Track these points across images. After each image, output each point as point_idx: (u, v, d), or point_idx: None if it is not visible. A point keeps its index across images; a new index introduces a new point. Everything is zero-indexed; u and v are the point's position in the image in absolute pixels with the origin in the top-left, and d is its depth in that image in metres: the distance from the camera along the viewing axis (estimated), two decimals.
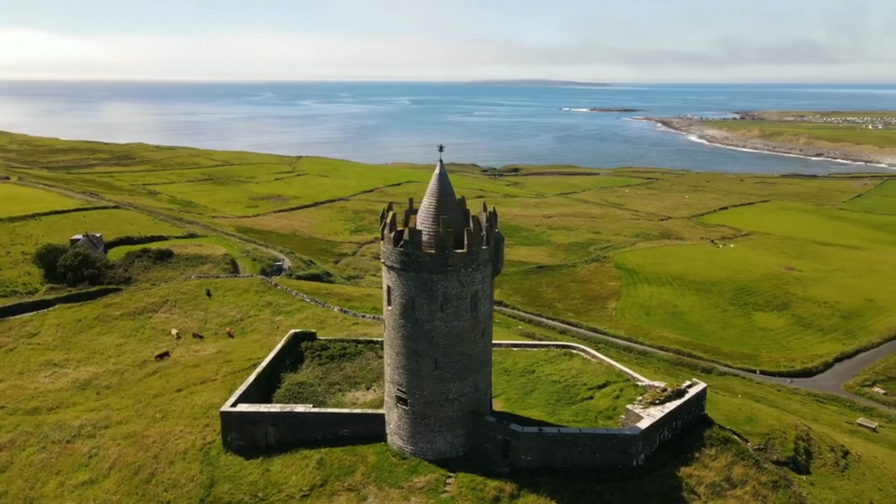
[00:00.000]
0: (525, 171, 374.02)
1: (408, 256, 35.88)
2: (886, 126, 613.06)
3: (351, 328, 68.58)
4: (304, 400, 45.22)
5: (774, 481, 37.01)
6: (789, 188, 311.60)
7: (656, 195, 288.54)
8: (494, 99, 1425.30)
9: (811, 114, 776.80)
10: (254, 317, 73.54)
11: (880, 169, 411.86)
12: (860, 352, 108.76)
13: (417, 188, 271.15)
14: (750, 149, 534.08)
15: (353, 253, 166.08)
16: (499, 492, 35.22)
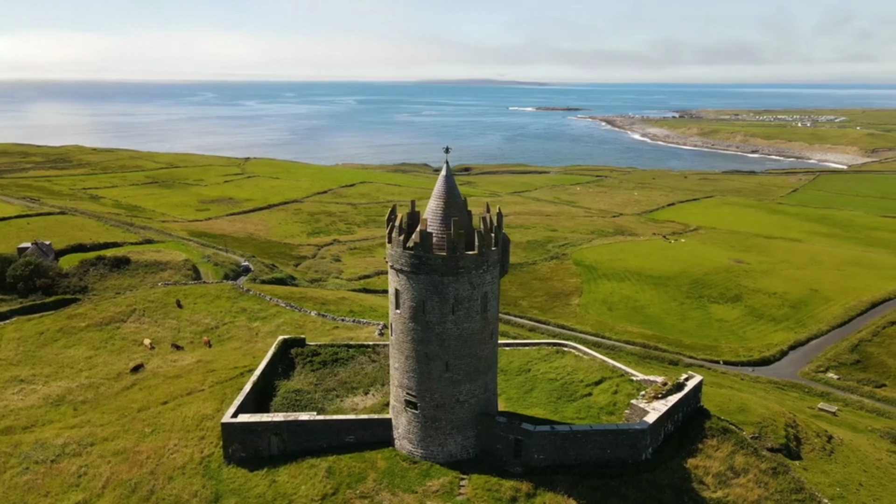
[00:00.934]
0: (477, 170, 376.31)
1: (418, 259, 35.67)
2: (814, 124, 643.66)
3: (332, 332, 67.61)
4: (303, 407, 44.36)
5: (773, 468, 38.57)
6: (731, 184, 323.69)
7: (607, 192, 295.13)
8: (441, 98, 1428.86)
9: (745, 112, 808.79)
10: (229, 324, 71.56)
11: (811, 164, 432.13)
12: (811, 339, 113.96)
13: (371, 189, 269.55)
14: (690, 146, 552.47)
15: (312, 255, 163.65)
16: (515, 491, 35.44)
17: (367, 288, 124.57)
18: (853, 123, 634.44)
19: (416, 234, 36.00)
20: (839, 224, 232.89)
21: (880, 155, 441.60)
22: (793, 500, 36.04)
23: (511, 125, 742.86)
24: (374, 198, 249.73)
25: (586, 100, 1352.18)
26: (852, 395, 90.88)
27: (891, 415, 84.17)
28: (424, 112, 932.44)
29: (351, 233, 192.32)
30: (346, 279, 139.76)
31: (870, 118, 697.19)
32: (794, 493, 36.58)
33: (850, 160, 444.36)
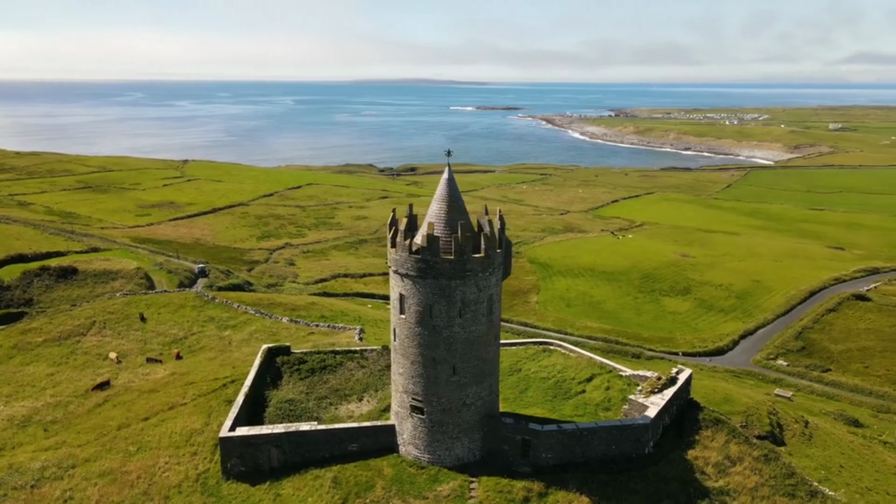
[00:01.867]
0: (422, 170, 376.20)
1: (425, 263, 35.45)
2: (741, 122, 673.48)
3: (308, 338, 66.32)
4: (297, 417, 43.38)
5: (765, 455, 40.31)
6: (669, 180, 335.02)
7: (552, 190, 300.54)
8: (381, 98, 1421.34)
9: (676, 111, 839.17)
10: (198, 333, 69.11)
11: (740, 161, 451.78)
12: (759, 328, 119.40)
13: (318, 191, 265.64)
14: (627, 144, 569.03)
15: (265, 260, 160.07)
16: (527, 492, 35.72)
17: (327, 292, 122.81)
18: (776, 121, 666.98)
19: (422, 239, 35.76)
20: (772, 217, 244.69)
21: (802, 151, 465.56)
22: (786, 484, 37.85)
23: (453, 124, 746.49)
24: (322, 200, 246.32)
25: (525, 99, 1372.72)
26: (802, 380, 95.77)
27: (839, 398, 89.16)
28: (365, 112, 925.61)
29: (302, 236, 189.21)
30: (303, 283, 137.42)
31: (790, 116, 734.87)
32: (786, 479, 38.40)
33: (775, 156, 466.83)
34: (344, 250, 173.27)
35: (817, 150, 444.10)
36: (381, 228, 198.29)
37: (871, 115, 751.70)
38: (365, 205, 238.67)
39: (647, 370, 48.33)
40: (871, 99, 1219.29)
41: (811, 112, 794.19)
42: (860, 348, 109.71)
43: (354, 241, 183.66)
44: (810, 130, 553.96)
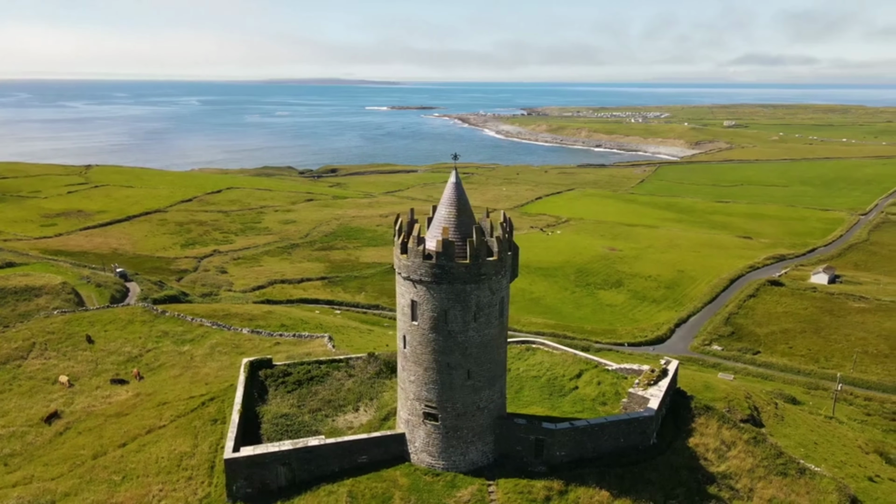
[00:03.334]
0: (344, 171, 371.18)
1: (440, 269, 35.10)
2: (645, 120, 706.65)
3: (275, 349, 64.00)
4: (296, 432, 41.88)
5: (754, 437, 42.74)
6: (587, 177, 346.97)
7: (477, 189, 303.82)
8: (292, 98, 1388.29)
9: (585, 109, 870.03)
10: (155, 350, 65.02)
11: (648, 157, 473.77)
12: (691, 316, 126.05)
13: (240, 195, 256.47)
14: (542, 142, 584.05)
15: (194, 269, 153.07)
16: (548, 490, 36.15)
17: (269, 299, 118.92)
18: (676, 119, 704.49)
19: (436, 244, 35.37)
20: (684, 210, 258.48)
21: (703, 147, 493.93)
22: (777, 464, 40.30)
23: (368, 124, 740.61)
24: (245, 204, 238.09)
25: (438, 98, 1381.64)
26: (738, 363, 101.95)
27: (773, 378, 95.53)
28: (277, 113, 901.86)
29: (229, 242, 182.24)
30: (239, 291, 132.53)
31: (688, 114, 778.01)
32: (776, 459, 40.88)
33: (678, 152, 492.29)
34: (276, 256, 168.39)
35: (717, 146, 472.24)
36: (311, 232, 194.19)
37: (758, 112, 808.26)
38: (291, 208, 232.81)
39: (631, 363, 50.06)
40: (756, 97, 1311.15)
41: (707, 110, 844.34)
42: (782, 330, 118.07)
43: (286, 245, 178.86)
44: (708, 127, 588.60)
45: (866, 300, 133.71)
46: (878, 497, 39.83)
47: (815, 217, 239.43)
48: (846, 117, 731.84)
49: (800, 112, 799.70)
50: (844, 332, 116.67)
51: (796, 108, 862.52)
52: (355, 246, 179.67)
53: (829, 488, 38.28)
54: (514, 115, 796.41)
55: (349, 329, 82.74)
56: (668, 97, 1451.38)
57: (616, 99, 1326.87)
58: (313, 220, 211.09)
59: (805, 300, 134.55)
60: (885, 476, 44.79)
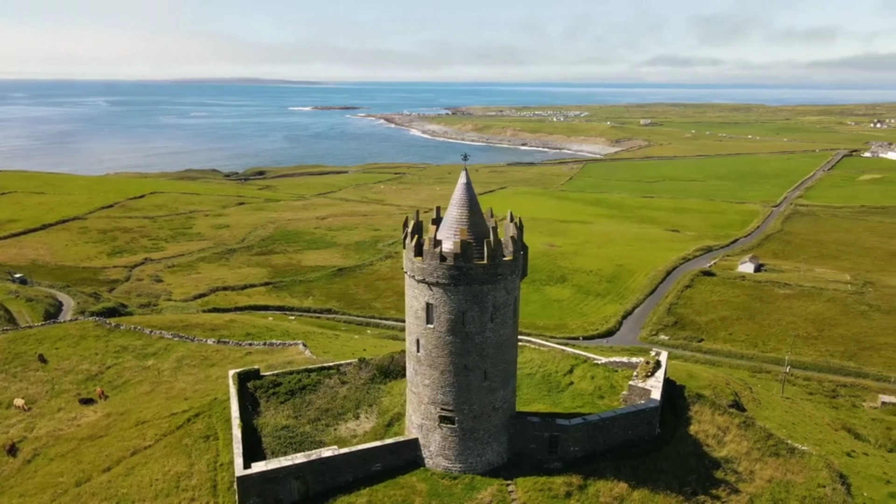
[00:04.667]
0: (272, 173, 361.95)
1: (458, 270, 34.74)
2: (566, 118, 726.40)
3: (246, 359, 61.45)
4: (299, 444, 40.40)
5: (744, 422, 44.77)
6: (517, 175, 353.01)
7: (410, 189, 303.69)
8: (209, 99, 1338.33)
9: (508, 109, 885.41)
10: (116, 366, 60.90)
11: (572, 154, 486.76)
12: (635, 308, 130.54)
13: (166, 199, 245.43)
14: (469, 141, 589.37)
15: (126, 279, 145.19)
16: (568, 486, 36.48)
17: (216, 307, 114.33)
18: (596, 118, 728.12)
19: (454, 245, 34.98)
20: (613, 206, 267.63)
21: (623, 145, 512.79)
22: (769, 446, 42.41)
23: (292, 125, 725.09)
24: (172, 209, 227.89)
25: (361, 98, 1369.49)
26: (686, 351, 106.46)
27: (720, 363, 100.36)
28: (193, 114, 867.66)
29: (160, 249, 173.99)
30: (180, 301, 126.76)
31: (607, 113, 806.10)
32: (767, 440, 43.00)
33: (600, 150, 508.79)
34: (213, 262, 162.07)
35: (637, 144, 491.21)
36: (248, 236, 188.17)
37: (670, 111, 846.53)
38: (223, 212, 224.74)
39: (618, 357, 51.33)
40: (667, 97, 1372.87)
41: (623, 109, 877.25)
42: (720, 318, 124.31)
43: (222, 251, 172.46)
44: (626, 126, 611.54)
45: (790, 287, 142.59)
46: (859, 471, 42.68)
47: (732, 210, 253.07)
48: (749, 115, 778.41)
49: (708, 111, 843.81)
50: (775, 317, 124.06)
51: (705, 107, 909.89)
52: (296, 249, 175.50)
53: (819, 465, 40.70)
54: (438, 115, 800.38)
55: (315, 335, 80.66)
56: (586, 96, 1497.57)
57: (537, 98, 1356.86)
58: (248, 224, 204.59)
59: (736, 288, 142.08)
60: (859, 451, 48.12)
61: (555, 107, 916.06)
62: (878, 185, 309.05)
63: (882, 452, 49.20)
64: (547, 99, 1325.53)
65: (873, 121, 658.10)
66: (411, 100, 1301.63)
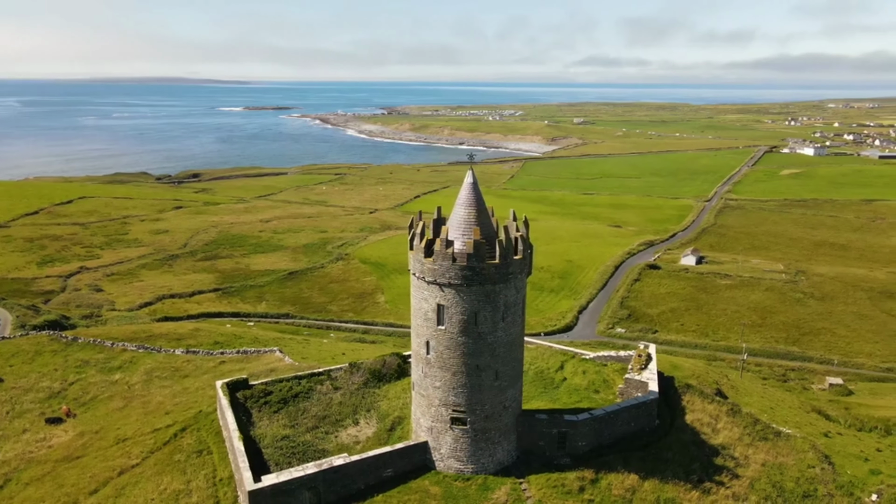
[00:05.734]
0: (207, 175, 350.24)
1: (471, 270, 34.50)
2: (502, 117, 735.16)
3: (220, 368, 59.11)
4: (302, 454, 39.16)
5: (731, 409, 46.44)
6: (459, 174, 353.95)
7: (352, 189, 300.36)
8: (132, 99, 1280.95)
9: (443, 108, 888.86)
10: (80, 382, 57.19)
11: (510, 153, 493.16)
12: (589, 302, 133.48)
13: (97, 205, 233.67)
14: (407, 141, 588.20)
15: (61, 289, 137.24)
16: (581, 481, 36.83)
17: (168, 316, 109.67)
18: (531, 117, 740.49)
19: (467, 245, 34.74)
20: (556, 203, 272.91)
21: (559, 143, 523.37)
22: (757, 431, 44.19)
23: (223, 126, 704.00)
24: (104, 214, 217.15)
25: (293, 98, 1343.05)
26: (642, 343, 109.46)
27: (676, 353, 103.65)
28: (115, 114, 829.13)
29: (96, 257, 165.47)
30: (125, 310, 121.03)
31: (540, 112, 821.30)
32: (755, 426, 44.79)
33: (537, 148, 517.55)
34: (156, 269, 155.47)
35: (572, 142, 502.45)
36: (190, 241, 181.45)
37: (601, 110, 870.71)
38: (160, 217, 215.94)
39: (606, 351, 52.31)
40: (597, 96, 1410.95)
41: (556, 108, 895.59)
42: (670, 309, 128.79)
43: (164, 257, 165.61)
44: (561, 124, 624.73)
45: (731, 277, 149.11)
46: (839, 450, 45.07)
47: (668, 205, 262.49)
48: (675, 114, 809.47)
49: (636, 110, 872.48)
50: (721, 307, 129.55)
51: (633, 106, 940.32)
52: (242, 254, 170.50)
53: (805, 447, 42.74)
54: (374, 115, 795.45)
55: (286, 340, 78.47)
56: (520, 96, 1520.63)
57: (472, 98, 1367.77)
58: (188, 229, 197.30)
59: (681, 281, 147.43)
60: (833, 431, 50.83)
61: (490, 106, 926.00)
62: (797, 179, 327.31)
63: (853, 432, 52.25)
64: (482, 98, 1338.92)
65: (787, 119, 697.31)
66: (346, 100, 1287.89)
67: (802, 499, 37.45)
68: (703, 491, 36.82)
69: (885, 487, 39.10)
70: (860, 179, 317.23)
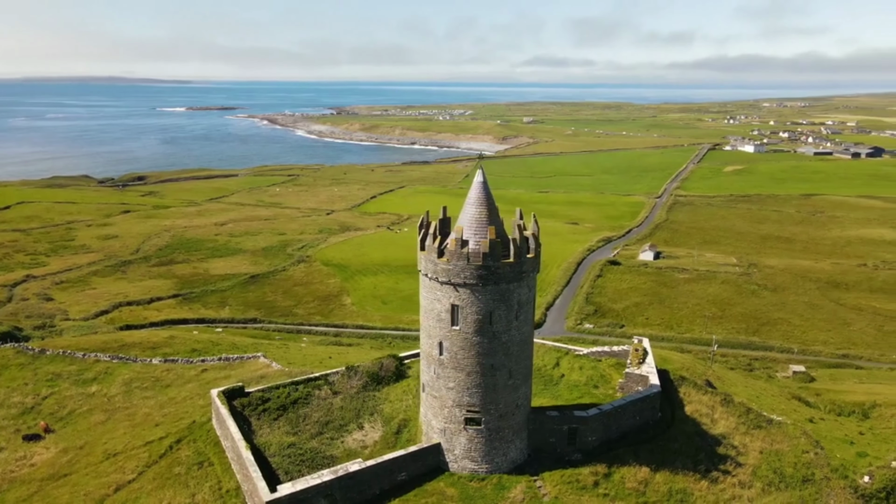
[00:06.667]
0: (154, 178, 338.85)
1: (487, 270, 34.36)
2: (452, 117, 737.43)
3: (203, 376, 57.04)
4: (311, 461, 38.19)
5: (724, 399, 47.72)
6: (413, 174, 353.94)
7: (307, 191, 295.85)
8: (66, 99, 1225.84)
9: (393, 108, 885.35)
10: (54, 396, 54.15)
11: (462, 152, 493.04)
12: (556, 299, 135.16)
13: (38, 210, 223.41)
14: (358, 141, 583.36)
15: (7, 299, 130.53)
16: (594, 475, 37.18)
17: (129, 325, 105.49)
18: (481, 116, 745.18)
19: (482, 245, 34.55)
20: (512, 201, 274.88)
21: (510, 142, 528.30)
22: (751, 419, 45.56)
23: (167, 127, 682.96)
24: (47, 220, 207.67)
25: (238, 98, 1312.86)
26: (611, 337, 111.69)
27: None
28: (50, 115, 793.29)
29: (42, 265, 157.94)
30: (80, 319, 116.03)
31: (489, 111, 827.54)
32: (748, 415, 46.17)
33: (489, 147, 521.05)
34: (108, 275, 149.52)
35: (524, 141, 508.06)
36: (142, 246, 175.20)
37: (549, 109, 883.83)
38: (108, 222, 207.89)
39: (599, 346, 52.97)
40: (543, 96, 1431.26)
41: (505, 108, 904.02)
42: (634, 304, 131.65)
43: (116, 263, 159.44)
44: (511, 123, 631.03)
45: (688, 271, 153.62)
46: (825, 435, 46.98)
47: (621, 202, 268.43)
48: (620, 113, 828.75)
49: (583, 109, 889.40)
50: (681, 300, 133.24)
51: (580, 106, 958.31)
52: (199, 258, 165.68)
53: (797, 433, 44.33)
54: (323, 115, 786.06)
55: (264, 346, 76.44)
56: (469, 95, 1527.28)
57: (422, 97, 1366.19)
58: (139, 234, 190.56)
59: (642, 276, 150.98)
60: (817, 417, 52.95)
61: (440, 105, 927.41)
62: (740, 175, 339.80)
63: (833, 417, 54.56)
64: (431, 98, 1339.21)
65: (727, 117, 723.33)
66: (293, 100, 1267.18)
67: (802, 483, 38.81)
68: (711, 480, 37.75)
69: (875, 469, 40.92)
70: (799, 175, 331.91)
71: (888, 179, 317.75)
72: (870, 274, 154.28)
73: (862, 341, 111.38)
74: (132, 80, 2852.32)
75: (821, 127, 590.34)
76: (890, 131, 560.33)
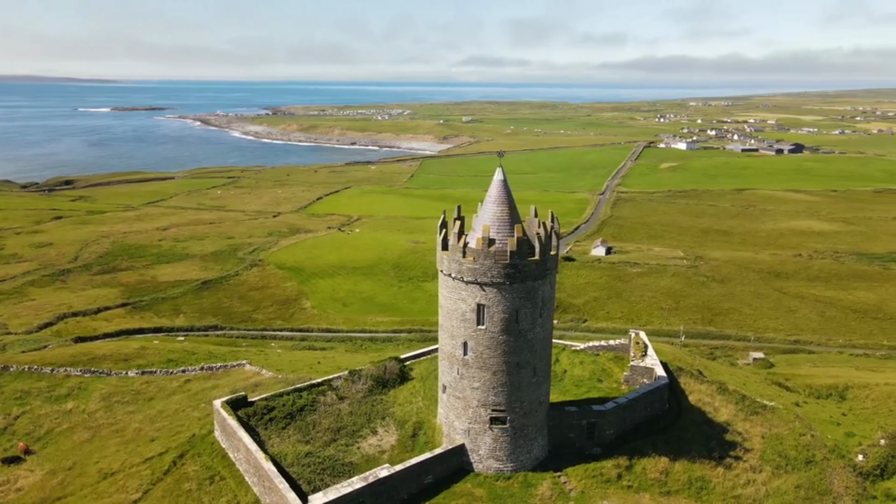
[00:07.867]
0: (83, 182, 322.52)
1: (514, 268, 34.23)
2: (391, 117, 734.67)
3: (186, 387, 54.48)
4: (331, 468, 37.05)
5: (719, 387, 49.26)
6: (357, 174, 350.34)
7: (250, 193, 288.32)
8: None
9: (330, 108, 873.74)
10: (27, 415, 50.27)
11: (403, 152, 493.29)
12: None
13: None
14: (296, 142, 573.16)
15: None
16: (617, 468, 37.62)
17: (81, 337, 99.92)
18: (420, 116, 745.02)
19: (510, 244, 34.38)
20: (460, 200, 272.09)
21: (451, 141, 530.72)
22: (747, 406, 47.24)
23: (91, 128, 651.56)
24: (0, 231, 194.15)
25: (166, 98, 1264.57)
26: (578, 332, 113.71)
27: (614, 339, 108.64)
28: None
29: None
30: (23, 333, 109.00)
31: (427, 111, 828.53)
32: (743, 401, 47.86)
33: (430, 147, 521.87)
34: (46, 286, 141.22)
35: (465, 140, 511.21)
36: (80, 254, 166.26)
37: (487, 109, 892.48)
38: (39, 229, 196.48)
39: (595, 341, 53.73)
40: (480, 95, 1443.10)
41: (443, 107, 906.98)
42: (594, 299, 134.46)
43: (54, 272, 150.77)
44: (451, 123, 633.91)
45: (640, 265, 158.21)
46: (813, 418, 49.24)
47: (566, 199, 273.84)
48: (556, 112, 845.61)
49: (520, 108, 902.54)
50: (637, 293, 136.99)
51: (517, 105, 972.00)
52: (144, 265, 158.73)
53: (790, 417, 46.32)
54: (258, 115, 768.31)
55: (241, 353, 73.72)
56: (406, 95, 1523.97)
57: (359, 97, 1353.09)
58: (75, 241, 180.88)
59: (597, 271, 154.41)
60: (801, 401, 55.38)
61: (378, 105, 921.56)
62: (675, 171, 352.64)
63: (814, 400, 57.24)
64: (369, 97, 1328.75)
65: (657, 116, 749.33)
66: (225, 100, 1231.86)
67: (806, 465, 40.55)
68: (726, 467, 38.93)
69: (867, 448, 43.19)
70: (729, 171, 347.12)
71: (810, 174, 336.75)
72: (806, 263, 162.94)
73: (808, 327, 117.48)
74: (51, 78, 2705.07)
75: (744, 125, 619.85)
76: (807, 129, 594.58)
